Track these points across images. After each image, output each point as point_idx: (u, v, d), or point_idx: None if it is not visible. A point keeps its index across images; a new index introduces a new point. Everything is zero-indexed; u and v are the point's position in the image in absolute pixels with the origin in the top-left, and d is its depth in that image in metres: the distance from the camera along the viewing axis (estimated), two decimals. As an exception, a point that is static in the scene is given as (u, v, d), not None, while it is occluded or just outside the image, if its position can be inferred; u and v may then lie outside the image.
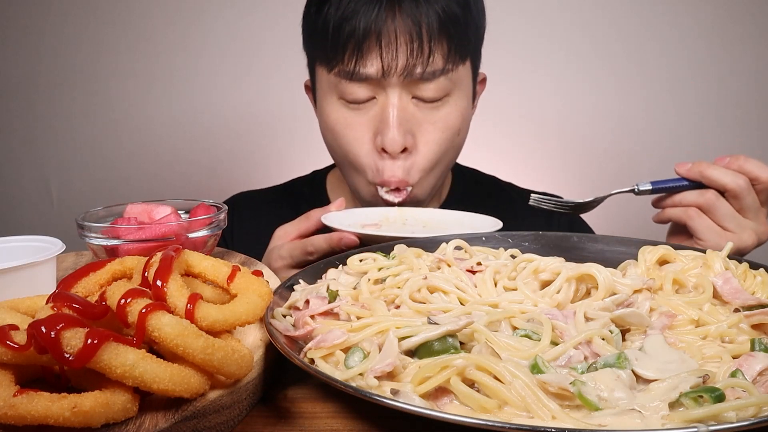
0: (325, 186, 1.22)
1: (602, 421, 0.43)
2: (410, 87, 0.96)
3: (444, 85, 0.97)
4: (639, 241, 0.76)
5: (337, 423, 0.51)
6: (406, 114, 0.96)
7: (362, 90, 0.96)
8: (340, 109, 0.99)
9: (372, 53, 0.93)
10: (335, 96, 0.99)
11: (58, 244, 0.72)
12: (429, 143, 0.99)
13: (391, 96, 0.95)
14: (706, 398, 0.44)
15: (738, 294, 0.62)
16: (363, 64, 0.94)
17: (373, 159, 0.99)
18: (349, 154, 1.01)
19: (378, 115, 0.97)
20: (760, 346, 0.53)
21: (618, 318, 0.56)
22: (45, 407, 0.41)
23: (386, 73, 0.93)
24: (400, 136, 0.94)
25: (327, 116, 1.01)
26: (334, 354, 0.54)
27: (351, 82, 0.95)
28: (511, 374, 0.46)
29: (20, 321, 0.50)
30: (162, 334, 0.46)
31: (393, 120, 0.95)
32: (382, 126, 0.96)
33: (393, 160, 0.97)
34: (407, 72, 0.93)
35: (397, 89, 0.95)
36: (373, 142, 0.98)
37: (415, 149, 0.98)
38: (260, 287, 0.57)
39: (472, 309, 0.58)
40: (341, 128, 1.00)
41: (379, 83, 0.95)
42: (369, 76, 0.94)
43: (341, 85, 0.97)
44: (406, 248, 0.74)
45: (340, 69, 0.95)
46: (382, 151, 0.97)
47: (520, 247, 0.81)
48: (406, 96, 0.96)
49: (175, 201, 0.85)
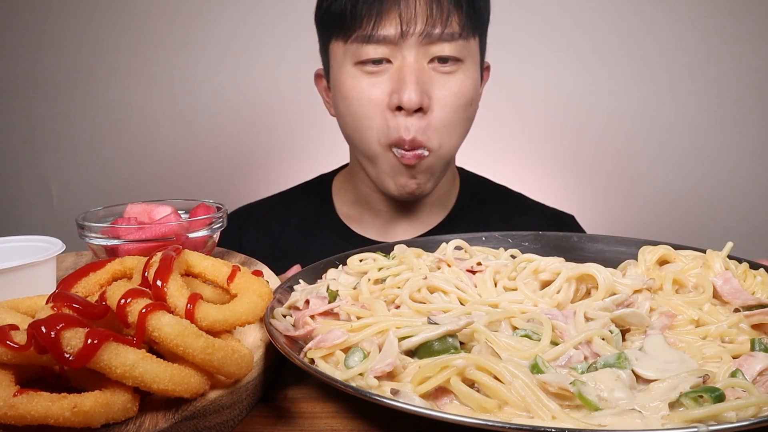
0: (331, 190, 1.22)
1: (602, 421, 0.43)
2: (427, 49, 0.96)
3: (459, 48, 0.97)
4: (639, 241, 0.76)
5: (337, 423, 0.51)
6: (423, 76, 0.96)
7: (380, 50, 0.96)
8: (356, 75, 0.99)
9: (391, 14, 0.94)
10: (350, 63, 0.99)
11: (58, 244, 0.72)
12: (444, 106, 0.98)
13: (408, 57, 0.95)
14: (706, 398, 0.44)
15: (738, 294, 0.62)
16: (382, 26, 0.94)
17: (386, 118, 0.98)
18: (363, 118, 1.00)
19: (394, 76, 0.97)
20: (760, 346, 0.53)
21: (618, 318, 0.56)
22: (45, 407, 0.41)
23: (405, 33, 0.94)
24: (417, 93, 0.94)
25: (342, 84, 1.01)
26: (334, 354, 0.54)
27: (368, 44, 0.96)
28: (511, 374, 0.46)
29: (20, 321, 0.50)
30: (162, 334, 0.46)
31: (410, 78, 0.95)
32: (398, 85, 0.95)
33: (407, 117, 0.96)
34: (426, 33, 0.94)
35: (414, 51, 0.95)
36: (387, 103, 0.97)
37: (430, 110, 0.98)
38: (260, 287, 0.57)
39: (472, 309, 0.58)
40: (356, 93, 0.99)
41: (396, 45, 0.95)
42: (387, 38, 0.95)
43: (359, 50, 0.97)
44: (406, 248, 0.74)
45: (357, 34, 0.96)
46: (396, 110, 0.97)
47: (520, 247, 0.81)
48: (423, 59, 0.97)
49: (175, 201, 0.85)
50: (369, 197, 1.13)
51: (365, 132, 1.01)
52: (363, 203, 1.15)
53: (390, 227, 1.14)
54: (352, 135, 1.04)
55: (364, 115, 0.99)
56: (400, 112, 0.96)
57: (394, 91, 0.96)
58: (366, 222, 1.15)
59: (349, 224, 1.16)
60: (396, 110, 0.96)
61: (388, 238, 1.13)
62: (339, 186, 1.21)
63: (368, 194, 1.13)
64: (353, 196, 1.17)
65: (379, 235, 1.14)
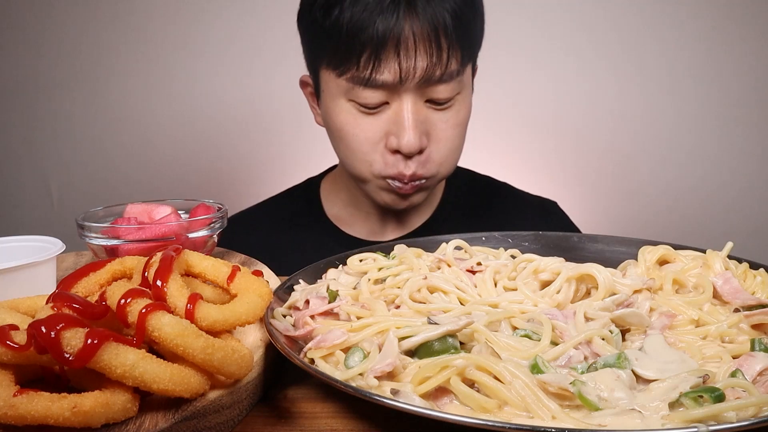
0: (320, 194, 1.21)
1: (602, 421, 0.43)
2: (424, 90, 0.94)
3: (456, 85, 0.96)
4: (639, 241, 0.76)
5: (337, 423, 0.51)
6: (420, 116, 0.95)
7: (376, 96, 0.94)
8: (350, 110, 0.97)
9: (390, 60, 0.91)
10: (344, 99, 0.97)
11: (58, 244, 0.72)
12: (442, 140, 0.98)
13: (406, 101, 0.93)
14: (706, 398, 0.44)
15: (738, 294, 0.62)
16: (380, 71, 0.91)
17: (382, 154, 0.97)
18: (358, 152, 0.99)
19: (391, 119, 0.95)
20: (760, 346, 0.53)
21: (618, 318, 0.56)
22: (45, 407, 0.41)
23: (404, 79, 0.91)
24: (416, 138, 0.93)
25: (335, 117, 0.99)
26: (334, 354, 0.54)
27: (365, 88, 0.93)
28: (511, 374, 0.46)
29: (20, 321, 0.50)
30: (162, 334, 0.46)
31: (409, 123, 0.93)
32: (396, 128, 0.94)
33: (406, 160, 0.96)
34: (425, 78, 0.92)
35: (412, 94, 0.93)
36: (384, 143, 0.96)
37: (429, 149, 0.97)
38: (260, 287, 0.57)
39: (472, 309, 0.58)
40: (350, 128, 0.97)
41: (394, 88, 0.93)
42: (386, 83, 0.92)
43: (353, 91, 0.94)
44: (406, 248, 0.74)
45: (353, 75, 0.93)
46: (395, 152, 0.96)
47: (520, 247, 0.81)
48: (420, 100, 0.95)
49: (175, 201, 0.85)
50: (358, 199, 1.13)
51: (358, 162, 1.00)
52: (352, 205, 1.15)
53: (380, 227, 1.14)
54: (344, 159, 1.04)
55: (359, 150, 0.98)
56: (398, 154, 0.96)
57: (392, 134, 0.95)
58: (356, 223, 1.15)
59: (340, 226, 1.15)
60: (395, 153, 0.96)
61: (379, 238, 1.13)
62: (327, 189, 1.20)
63: (357, 196, 1.13)
64: (342, 198, 1.16)
65: (370, 234, 1.14)
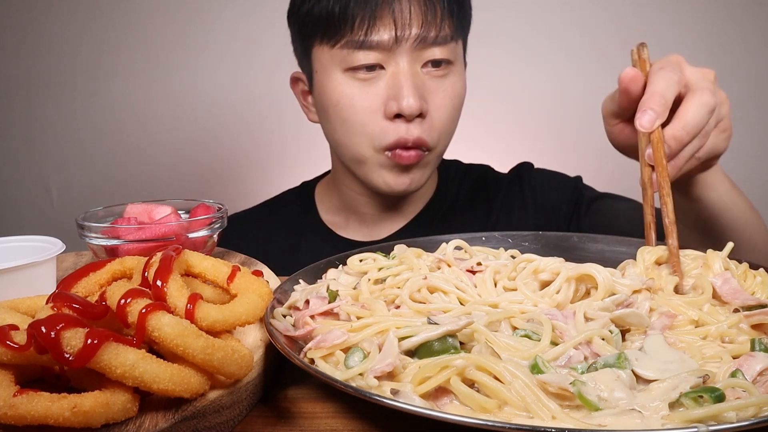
0: (314, 197, 1.21)
1: (602, 421, 0.43)
2: (420, 53, 0.95)
3: (450, 51, 0.96)
4: (639, 241, 0.76)
5: (337, 423, 0.51)
6: (418, 81, 0.95)
7: (371, 57, 0.94)
8: (347, 82, 0.96)
9: (385, 19, 0.91)
10: (339, 70, 0.96)
11: (58, 244, 0.72)
12: (440, 108, 0.97)
13: (402, 64, 0.94)
14: (706, 398, 0.44)
15: (737, 294, 0.61)
16: (375, 31, 0.92)
17: (381, 125, 0.96)
18: (357, 124, 0.97)
19: (389, 84, 0.95)
20: (760, 346, 0.53)
21: (618, 318, 0.56)
22: (45, 407, 0.41)
23: (399, 38, 0.92)
24: (416, 99, 0.92)
25: (332, 91, 0.98)
26: (334, 354, 0.54)
27: (359, 50, 0.93)
28: (511, 374, 0.46)
29: (20, 321, 0.50)
30: (162, 334, 0.46)
31: (407, 83, 0.93)
32: (395, 92, 0.94)
33: (407, 124, 0.95)
34: (420, 38, 0.93)
35: (407, 57, 0.94)
36: (383, 111, 0.95)
37: (429, 114, 0.97)
38: (260, 287, 0.57)
39: (472, 309, 0.58)
40: (348, 100, 0.96)
41: (389, 51, 0.93)
42: (381, 43, 0.92)
43: (349, 57, 0.94)
44: (406, 248, 0.74)
45: (348, 40, 0.93)
46: (394, 117, 0.95)
47: (520, 247, 0.81)
48: (416, 64, 0.95)
49: (175, 201, 0.85)
50: (354, 201, 1.13)
51: (357, 138, 0.99)
52: (347, 209, 1.15)
53: (375, 228, 1.14)
54: (341, 140, 1.02)
55: (358, 122, 0.97)
56: (398, 119, 0.95)
57: (391, 99, 0.94)
58: (351, 227, 1.15)
59: (335, 230, 1.15)
60: (394, 118, 0.95)
61: (374, 238, 1.13)
62: (322, 193, 1.20)
63: (353, 198, 1.12)
64: (337, 202, 1.16)
65: (365, 236, 1.14)
